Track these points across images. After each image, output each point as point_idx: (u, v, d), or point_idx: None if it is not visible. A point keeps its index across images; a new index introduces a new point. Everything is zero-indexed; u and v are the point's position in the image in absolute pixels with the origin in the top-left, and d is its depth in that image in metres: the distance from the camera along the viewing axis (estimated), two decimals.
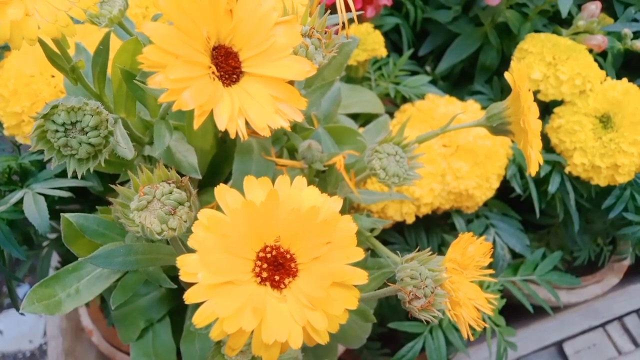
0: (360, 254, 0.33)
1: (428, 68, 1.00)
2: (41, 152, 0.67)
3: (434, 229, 0.81)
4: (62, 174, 0.69)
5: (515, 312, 0.89)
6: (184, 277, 0.31)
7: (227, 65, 0.32)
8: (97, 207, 0.60)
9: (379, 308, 0.89)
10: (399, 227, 0.80)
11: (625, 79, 0.77)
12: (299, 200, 0.32)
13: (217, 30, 0.32)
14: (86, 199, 0.73)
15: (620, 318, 1.17)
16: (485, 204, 0.84)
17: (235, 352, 0.31)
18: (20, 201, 0.63)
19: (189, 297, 0.30)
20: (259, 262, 0.32)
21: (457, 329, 0.75)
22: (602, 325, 1.16)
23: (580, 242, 0.92)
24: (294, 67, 0.32)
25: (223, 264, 0.31)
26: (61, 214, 0.51)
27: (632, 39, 0.82)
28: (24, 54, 0.68)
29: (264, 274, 0.32)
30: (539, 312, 1.11)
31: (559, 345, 1.15)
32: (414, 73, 0.92)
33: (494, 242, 0.80)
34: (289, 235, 0.33)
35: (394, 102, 0.90)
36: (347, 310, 0.32)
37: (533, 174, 0.50)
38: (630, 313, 1.18)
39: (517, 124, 0.51)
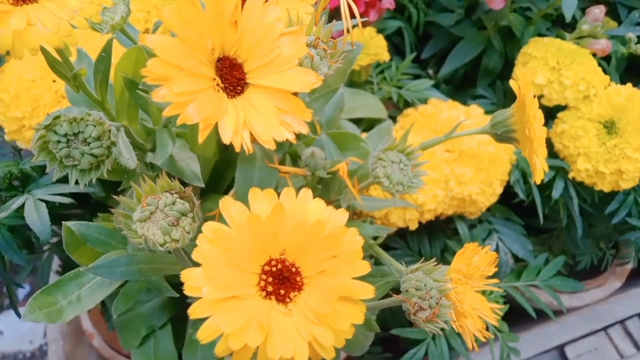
0: (366, 268, 0.33)
1: (430, 71, 0.99)
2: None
3: (437, 234, 0.81)
4: (64, 180, 0.68)
5: (517, 315, 0.88)
6: (188, 291, 0.30)
7: (231, 76, 0.32)
8: (98, 213, 0.60)
9: (380, 313, 0.89)
10: (402, 233, 0.80)
11: (629, 84, 0.77)
12: (305, 214, 0.32)
13: (222, 42, 0.32)
14: (87, 204, 0.73)
15: (622, 322, 1.17)
16: (488, 209, 0.84)
17: None
18: (22, 207, 0.63)
19: (193, 312, 0.30)
20: (264, 276, 0.32)
21: (459, 335, 0.74)
22: (604, 329, 1.15)
23: (582, 247, 0.91)
24: (300, 78, 0.32)
25: (228, 278, 0.30)
26: (63, 222, 0.50)
27: (636, 43, 0.81)
28: (25, 59, 0.67)
29: (269, 288, 0.32)
30: (541, 315, 1.10)
31: (560, 349, 1.14)
32: (416, 77, 0.92)
33: (497, 247, 0.80)
34: (295, 248, 0.32)
35: (396, 106, 0.89)
36: (353, 325, 0.32)
37: (538, 182, 0.49)
38: (633, 317, 1.17)
39: (522, 132, 0.50)
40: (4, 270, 0.71)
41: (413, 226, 0.70)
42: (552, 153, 0.79)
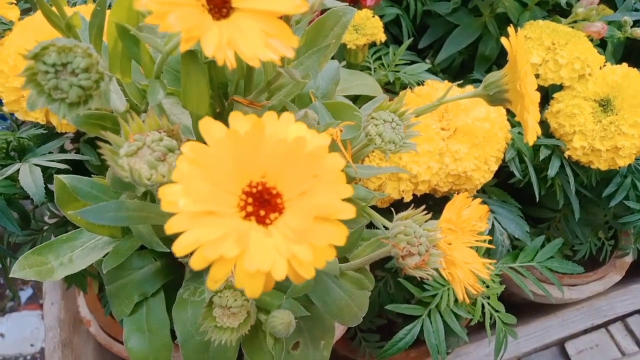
0: (349, 191, 0.32)
1: (428, 61, 1.00)
2: (39, 126, 0.67)
3: (433, 214, 0.80)
4: (60, 150, 0.69)
5: (516, 310, 0.87)
6: (165, 207, 0.30)
7: None
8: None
9: (377, 297, 0.88)
10: (397, 210, 0.79)
11: (625, 64, 0.77)
12: (286, 133, 0.32)
13: None
14: (84, 175, 0.73)
15: (623, 318, 1.16)
16: (485, 192, 0.83)
17: (218, 284, 0.30)
18: (18, 178, 0.63)
19: (169, 226, 0.29)
20: (243, 196, 0.32)
21: (456, 315, 0.74)
22: (605, 325, 1.14)
23: (580, 235, 0.91)
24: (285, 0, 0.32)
25: (206, 193, 0.30)
26: (55, 176, 0.51)
27: (632, 27, 0.82)
28: (25, 31, 0.69)
29: (249, 209, 0.32)
30: (540, 309, 1.09)
31: (561, 345, 1.13)
32: (413, 63, 0.93)
33: (493, 228, 0.79)
34: (276, 169, 0.32)
35: (392, 91, 0.90)
36: (333, 247, 0.32)
37: (531, 142, 0.49)
38: (634, 313, 1.16)
39: (514, 91, 0.51)
40: (1, 243, 0.72)
41: (408, 197, 0.70)
42: (548, 134, 0.79)
